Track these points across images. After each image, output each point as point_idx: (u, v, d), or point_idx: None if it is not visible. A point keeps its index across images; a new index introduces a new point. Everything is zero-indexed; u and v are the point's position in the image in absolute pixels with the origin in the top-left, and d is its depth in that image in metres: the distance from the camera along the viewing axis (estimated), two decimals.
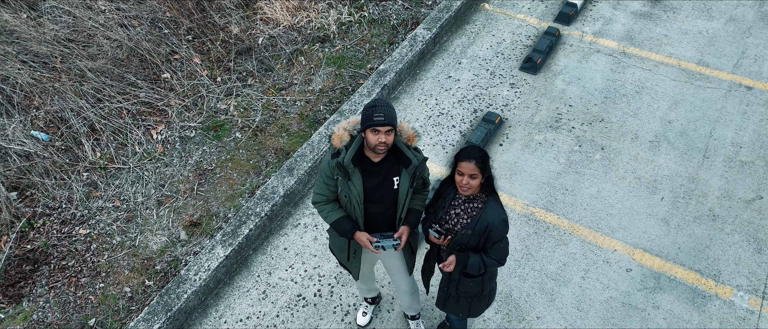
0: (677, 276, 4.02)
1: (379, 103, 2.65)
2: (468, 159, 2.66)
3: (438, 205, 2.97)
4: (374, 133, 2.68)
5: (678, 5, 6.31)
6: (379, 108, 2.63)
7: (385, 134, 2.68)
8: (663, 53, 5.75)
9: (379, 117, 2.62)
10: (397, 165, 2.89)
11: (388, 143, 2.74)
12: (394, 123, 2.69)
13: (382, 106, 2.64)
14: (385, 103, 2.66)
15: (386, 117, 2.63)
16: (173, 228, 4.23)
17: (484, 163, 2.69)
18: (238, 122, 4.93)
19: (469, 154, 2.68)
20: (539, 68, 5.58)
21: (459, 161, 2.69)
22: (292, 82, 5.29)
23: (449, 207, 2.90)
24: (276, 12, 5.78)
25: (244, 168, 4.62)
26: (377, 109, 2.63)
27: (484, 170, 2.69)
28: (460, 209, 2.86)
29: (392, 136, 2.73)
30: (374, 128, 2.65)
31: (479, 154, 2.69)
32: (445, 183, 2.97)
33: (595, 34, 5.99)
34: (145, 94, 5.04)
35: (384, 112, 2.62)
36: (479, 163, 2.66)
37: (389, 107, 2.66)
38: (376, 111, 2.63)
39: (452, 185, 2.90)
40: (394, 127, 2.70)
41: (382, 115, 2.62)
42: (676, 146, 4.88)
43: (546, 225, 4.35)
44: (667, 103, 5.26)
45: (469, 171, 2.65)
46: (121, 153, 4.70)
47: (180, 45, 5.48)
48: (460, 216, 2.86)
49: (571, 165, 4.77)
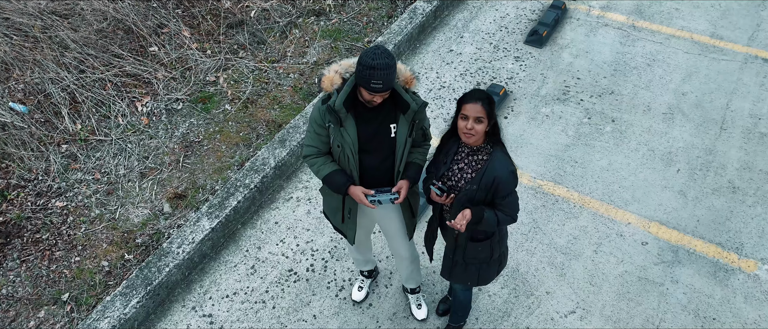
0: (697, 250, 3.74)
1: (379, 63, 2.31)
2: (473, 100, 2.39)
3: (439, 161, 2.70)
4: (369, 93, 2.42)
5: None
6: (378, 72, 2.31)
7: (380, 95, 2.42)
8: (674, 26, 5.50)
9: (377, 85, 2.34)
10: (394, 111, 2.62)
11: (384, 98, 2.48)
12: (393, 85, 2.43)
13: (382, 69, 2.31)
14: (385, 65, 2.32)
15: (385, 83, 2.35)
16: (156, 201, 3.96)
17: (491, 106, 2.42)
18: (228, 94, 4.68)
19: (474, 95, 2.41)
20: (545, 41, 5.32)
21: (463, 104, 2.42)
22: (285, 54, 5.04)
23: (452, 162, 2.63)
24: None
25: (233, 141, 4.35)
26: (376, 73, 2.32)
27: (490, 114, 2.43)
28: (463, 163, 2.59)
29: (389, 93, 2.47)
30: (370, 92, 2.40)
31: (485, 95, 2.42)
32: (447, 136, 2.70)
33: (602, 8, 5.73)
34: (130, 66, 4.79)
35: (383, 78, 2.33)
36: (485, 105, 2.39)
37: (390, 69, 2.33)
38: (375, 75, 2.32)
39: (454, 137, 2.63)
40: (392, 88, 2.44)
41: (381, 82, 2.34)
42: (691, 118, 4.61)
43: (555, 198, 4.07)
44: (680, 75, 5.00)
45: (474, 113, 2.38)
46: (103, 125, 4.44)
47: (169, 18, 5.24)
48: (464, 170, 2.59)
49: (580, 137, 4.50)
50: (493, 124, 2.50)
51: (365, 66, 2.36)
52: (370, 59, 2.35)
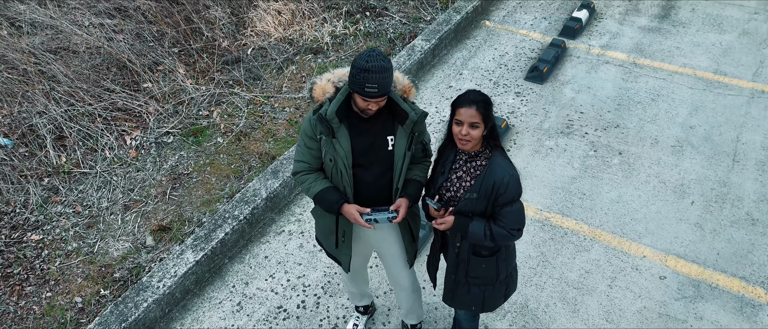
0: (720, 284, 3.46)
1: (374, 65, 2.14)
2: (467, 104, 2.21)
3: (437, 172, 2.50)
4: (364, 100, 2.25)
5: (687, 20, 6.06)
6: (373, 75, 2.14)
7: (376, 102, 2.26)
8: (676, 63, 5.42)
9: (372, 88, 2.17)
10: (391, 122, 2.43)
11: (380, 106, 2.31)
12: (389, 90, 2.27)
13: (377, 71, 2.15)
14: (381, 67, 2.15)
15: (380, 88, 2.18)
16: (139, 234, 3.71)
17: (487, 108, 2.24)
18: (221, 127, 4.52)
19: (469, 97, 2.24)
20: (546, 78, 5.23)
21: (457, 107, 2.25)
22: (281, 89, 4.93)
23: (450, 172, 2.43)
24: (267, 25, 5.51)
25: (223, 173, 4.16)
26: (371, 76, 2.15)
27: (486, 117, 2.25)
28: (462, 171, 2.39)
29: (385, 100, 2.30)
30: (365, 98, 2.23)
31: (480, 97, 2.25)
32: (443, 145, 2.51)
33: (602, 47, 5.69)
34: (121, 101, 4.66)
35: (378, 82, 2.16)
36: (481, 108, 2.22)
37: (385, 72, 2.17)
38: (369, 79, 2.15)
39: (451, 145, 2.45)
40: (388, 94, 2.28)
41: (376, 86, 2.17)
42: (701, 151, 4.44)
43: (563, 231, 3.82)
44: (686, 109, 4.86)
45: (469, 118, 2.20)
46: (89, 158, 4.26)
47: (164, 56, 5.17)
48: (463, 179, 2.38)
49: (587, 170, 4.30)
50: (491, 126, 2.32)
51: (359, 69, 2.20)
52: (364, 62, 2.19)
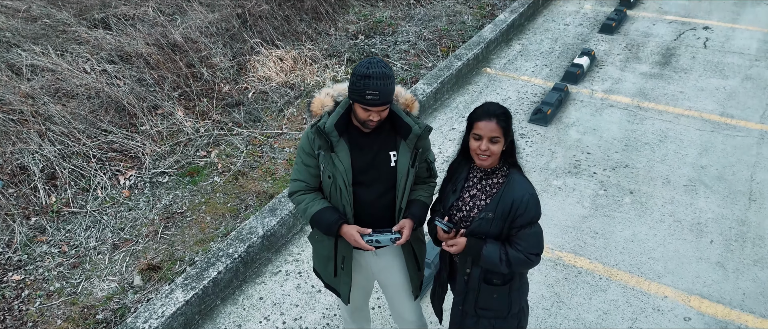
0: (749, 326, 3.20)
1: (375, 72, 2.04)
2: (488, 117, 2.09)
3: (447, 191, 2.34)
4: (365, 110, 2.14)
5: (688, 67, 6.07)
6: (374, 81, 2.04)
7: (378, 112, 2.15)
8: (681, 107, 5.36)
9: (373, 96, 2.06)
10: (393, 137, 2.30)
11: (382, 118, 2.19)
12: (391, 99, 2.16)
13: (378, 77, 2.05)
14: (382, 73, 2.05)
15: (382, 95, 2.07)
16: (127, 274, 3.50)
17: (507, 122, 2.12)
18: (219, 166, 4.39)
19: (488, 110, 2.11)
20: (550, 120, 5.15)
21: (475, 121, 2.12)
22: (281, 130, 4.84)
23: (463, 190, 2.27)
24: (269, 70, 5.51)
25: (219, 212, 3.99)
26: (372, 83, 2.04)
27: (507, 131, 2.12)
28: (476, 189, 2.23)
29: (387, 111, 2.19)
30: (365, 107, 2.12)
31: (501, 110, 2.12)
32: (456, 162, 2.37)
33: (605, 92, 5.65)
34: (118, 142, 4.56)
35: (380, 88, 2.06)
36: (502, 121, 2.09)
37: (387, 78, 2.07)
38: (370, 85, 2.05)
39: (464, 161, 2.30)
40: (390, 103, 2.17)
41: (377, 93, 2.06)
42: (715, 190, 4.28)
43: (577, 270, 3.60)
44: (695, 149, 4.75)
45: (489, 132, 2.07)
46: (80, 198, 4.11)
47: (164, 99, 5.12)
48: (477, 197, 2.22)
49: (598, 208, 4.13)
50: (510, 142, 2.18)
51: (359, 76, 2.09)
52: (364, 68, 2.09)
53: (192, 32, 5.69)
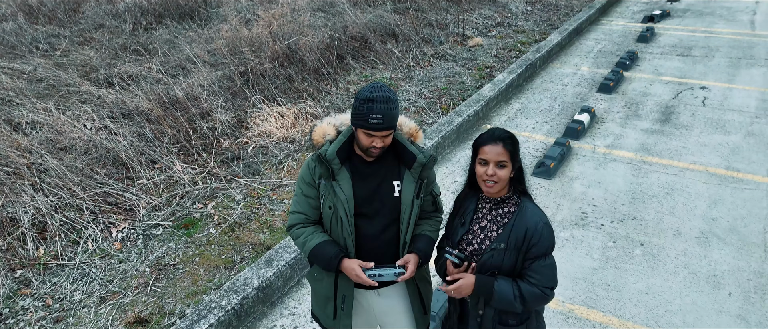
0: None
1: (378, 95, 2.01)
2: (493, 140, 2.02)
3: (456, 224, 2.23)
4: (368, 136, 2.08)
5: (689, 123, 6.07)
6: (377, 104, 2.00)
7: (381, 138, 2.08)
8: (686, 161, 5.30)
9: (377, 120, 2.01)
10: (397, 166, 2.22)
11: (385, 145, 2.12)
12: (395, 124, 2.10)
13: (382, 101, 2.01)
14: (386, 97, 2.01)
15: (386, 119, 2.03)
16: (111, 327, 3.28)
17: (514, 146, 2.04)
18: (215, 218, 4.26)
19: (494, 134, 2.05)
20: (553, 173, 5.07)
21: (481, 145, 2.05)
22: (281, 182, 4.75)
23: (472, 222, 2.16)
24: (270, 126, 5.50)
25: (213, 263, 3.82)
26: (375, 106, 2.00)
27: (514, 156, 2.04)
28: (486, 220, 2.12)
29: (390, 138, 2.13)
30: (368, 132, 2.06)
31: (506, 133, 2.06)
32: (463, 194, 2.27)
33: (607, 147, 5.62)
34: (113, 195, 4.46)
35: (383, 112, 2.01)
36: (508, 145, 2.02)
37: (391, 103, 2.03)
38: (374, 109, 2.01)
39: (472, 192, 2.20)
40: (394, 129, 2.11)
41: (381, 116, 2.01)
42: (728, 242, 4.13)
43: (591, 324, 3.39)
44: (704, 202, 4.64)
45: (495, 156, 1.99)
46: (69, 250, 3.95)
47: (163, 154, 5.07)
48: (488, 228, 2.10)
49: (608, 260, 3.96)
50: (518, 169, 2.09)
51: (362, 100, 2.04)
52: (367, 92, 2.04)
53: (194, 89, 5.73)
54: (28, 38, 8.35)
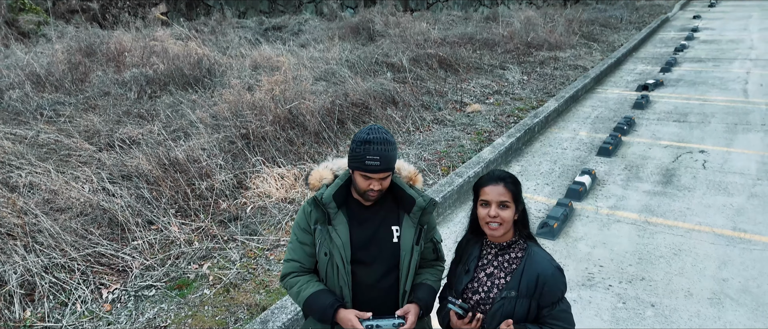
0: None
1: (375, 137, 2.00)
2: (494, 181, 1.98)
3: (459, 272, 2.14)
4: (365, 179, 2.04)
5: (690, 186, 6.03)
6: (374, 146, 1.99)
7: (379, 180, 2.05)
8: (691, 222, 5.22)
9: (374, 161, 2.00)
10: (396, 211, 2.16)
11: (383, 189, 2.08)
12: (393, 166, 2.08)
13: (379, 143, 2.00)
14: (383, 139, 2.01)
15: (383, 161, 2.01)
16: None
17: (517, 186, 2.00)
18: (210, 278, 4.13)
19: (494, 174, 2.01)
20: (557, 234, 4.98)
21: (482, 187, 2.00)
22: (279, 243, 4.64)
23: (477, 269, 2.08)
24: (269, 187, 5.46)
25: (206, 325, 3.65)
26: (372, 148, 1.99)
27: (517, 197, 1.99)
28: (492, 267, 2.04)
29: (388, 181, 2.09)
30: (365, 174, 2.03)
31: (507, 174, 2.02)
32: (464, 240, 2.20)
33: (610, 208, 5.55)
34: (106, 256, 4.35)
35: (381, 153, 2.00)
36: (510, 185, 1.97)
37: (388, 144, 2.02)
38: (371, 151, 1.99)
39: (474, 238, 2.13)
40: (392, 171, 2.08)
41: (378, 158, 2.00)
42: (742, 303, 3.98)
43: None
44: (714, 263, 4.52)
45: (497, 196, 1.95)
46: (56, 312, 3.79)
47: (160, 215, 5.00)
48: (495, 275, 2.02)
49: (619, 322, 3.80)
50: (522, 211, 2.03)
51: (359, 142, 2.01)
52: (364, 134, 2.02)
53: (195, 151, 5.74)
54: (33, 105, 8.49)
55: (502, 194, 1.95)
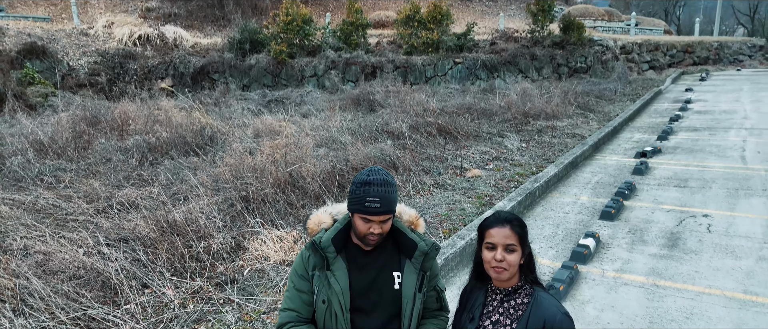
0: None
1: (375, 178, 1.98)
2: (500, 223, 1.93)
3: (464, 320, 2.04)
4: (365, 222, 2.01)
5: (697, 249, 5.92)
6: (375, 187, 1.97)
7: (379, 224, 2.01)
8: (700, 285, 5.08)
9: (374, 203, 1.97)
10: (397, 256, 2.09)
11: (383, 232, 2.03)
12: (394, 209, 2.05)
13: (379, 184, 1.98)
14: (383, 180, 1.99)
15: (383, 203, 1.98)
16: None
17: (523, 229, 1.95)
18: None
19: (500, 216, 1.97)
20: (563, 296, 4.83)
21: (487, 229, 1.95)
22: (276, 306, 4.49)
23: (482, 317, 1.99)
24: (268, 249, 5.36)
25: None
26: (372, 189, 1.97)
27: (523, 240, 1.94)
28: (498, 313, 1.96)
29: (389, 224, 2.05)
30: (365, 216, 2.00)
31: (513, 216, 1.97)
32: (469, 286, 2.11)
33: (617, 271, 5.42)
34: (97, 319, 4.19)
35: (381, 195, 1.98)
36: (516, 227, 1.93)
37: (389, 186, 2.00)
38: (371, 192, 1.97)
39: (479, 284, 2.05)
40: (392, 213, 2.05)
41: (378, 200, 1.97)
42: None
43: None
44: (728, 325, 4.35)
45: (503, 239, 1.90)
46: None
47: (155, 278, 4.87)
48: (501, 323, 1.94)
49: None
50: (528, 255, 1.97)
51: (359, 183, 1.98)
52: (364, 176, 1.99)
53: (194, 213, 5.68)
54: (34, 171, 8.51)
55: (509, 237, 1.89)
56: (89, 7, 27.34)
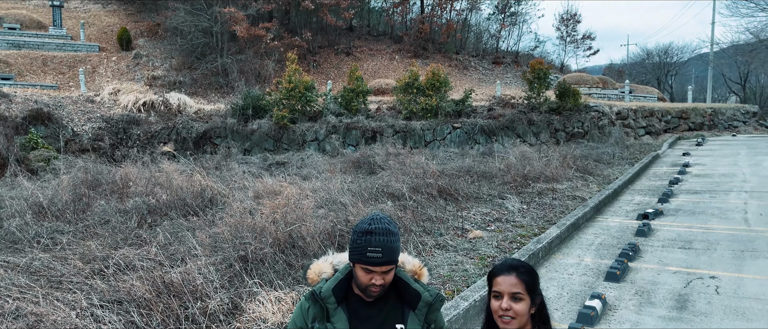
0: None
1: (377, 227, 1.96)
2: (506, 271, 1.89)
3: None
4: (367, 272, 1.97)
5: (707, 310, 5.77)
6: (376, 237, 1.95)
7: (381, 274, 1.97)
8: None
9: (376, 253, 1.94)
10: (400, 308, 2.03)
11: (386, 283, 1.99)
12: (396, 259, 2.01)
13: (381, 233, 1.96)
14: (385, 229, 1.96)
15: (385, 252, 1.95)
16: None
17: (531, 277, 1.91)
18: None
19: (506, 263, 1.93)
20: None
21: (494, 277, 1.91)
22: None
23: None
24: (266, 311, 5.21)
25: None
26: (374, 239, 1.95)
27: (531, 288, 1.89)
28: None
29: (392, 274, 2.01)
30: (367, 267, 1.96)
31: (521, 264, 1.93)
32: None
33: None
34: None
35: (383, 245, 1.95)
36: (523, 275, 1.89)
37: (391, 235, 1.97)
38: (372, 241, 1.95)
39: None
40: (395, 264, 2.01)
41: (380, 249, 1.94)
42: None
43: None
44: None
45: (509, 288, 1.86)
46: None
47: None
48: None
49: None
50: (540, 303, 1.90)
51: (360, 232, 1.95)
52: (366, 224, 1.96)
53: (191, 273, 5.57)
54: (31, 233, 8.42)
55: (515, 285, 1.84)
56: (97, 75, 28.07)
